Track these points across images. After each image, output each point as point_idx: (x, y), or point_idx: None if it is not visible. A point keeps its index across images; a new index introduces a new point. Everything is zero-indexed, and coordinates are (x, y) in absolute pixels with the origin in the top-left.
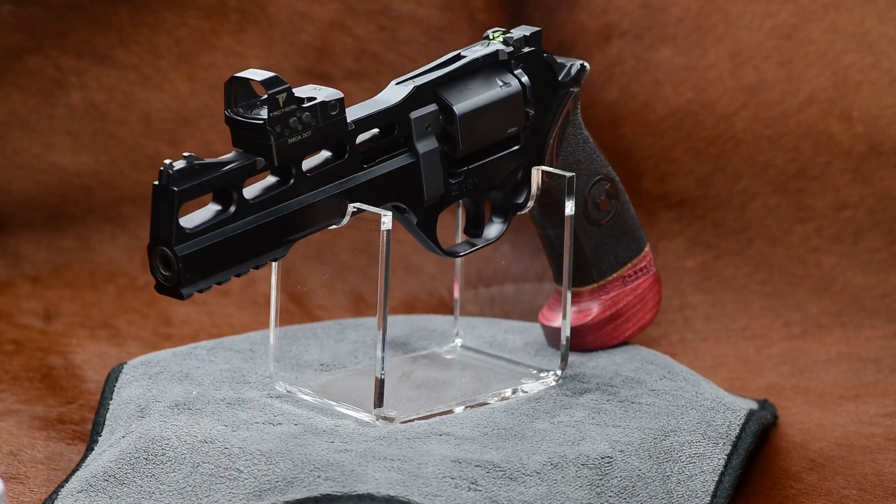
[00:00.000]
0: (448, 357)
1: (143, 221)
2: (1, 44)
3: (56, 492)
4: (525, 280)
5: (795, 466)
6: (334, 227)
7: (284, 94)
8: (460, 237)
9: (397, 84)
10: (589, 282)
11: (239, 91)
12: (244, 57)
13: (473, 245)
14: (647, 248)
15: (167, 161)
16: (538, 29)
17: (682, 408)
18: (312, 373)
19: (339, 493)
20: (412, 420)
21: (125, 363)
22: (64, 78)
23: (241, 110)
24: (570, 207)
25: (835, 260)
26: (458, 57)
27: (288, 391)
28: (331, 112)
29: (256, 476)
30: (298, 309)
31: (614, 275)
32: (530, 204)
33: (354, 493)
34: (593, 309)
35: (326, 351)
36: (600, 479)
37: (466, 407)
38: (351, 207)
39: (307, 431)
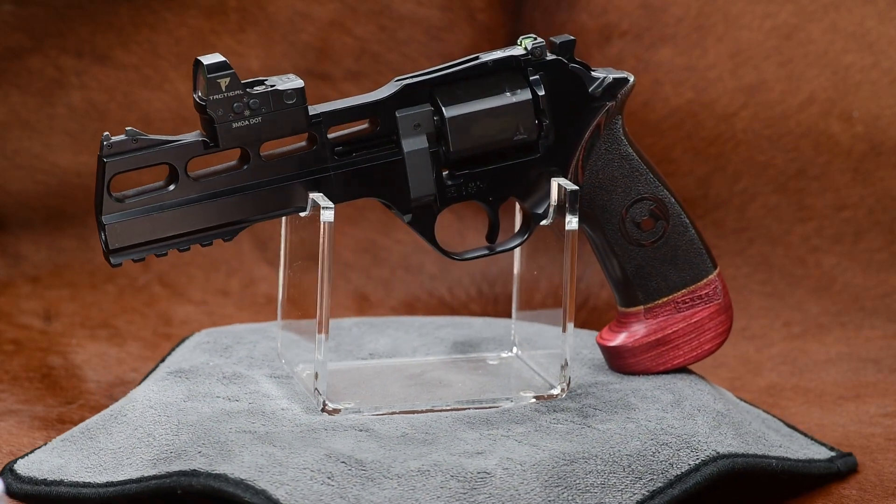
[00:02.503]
0: (492, 363)
1: None
2: (1, 44)
3: (54, 439)
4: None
5: None
6: (303, 214)
7: (227, 79)
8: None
9: (395, 81)
10: (635, 303)
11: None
12: (244, 57)
13: (488, 251)
14: (711, 277)
15: (106, 133)
16: (569, 38)
17: (628, 437)
18: (334, 360)
19: (202, 470)
20: (360, 414)
21: (199, 331)
22: (64, 78)
23: (200, 93)
24: (572, 222)
25: (835, 260)
26: (475, 59)
27: (289, 374)
28: (286, 101)
29: (161, 445)
30: (297, 309)
31: (664, 299)
32: (551, 214)
33: (214, 472)
34: (638, 331)
35: (398, 342)
36: (465, 494)
37: (437, 410)
38: (311, 197)
39: (248, 411)
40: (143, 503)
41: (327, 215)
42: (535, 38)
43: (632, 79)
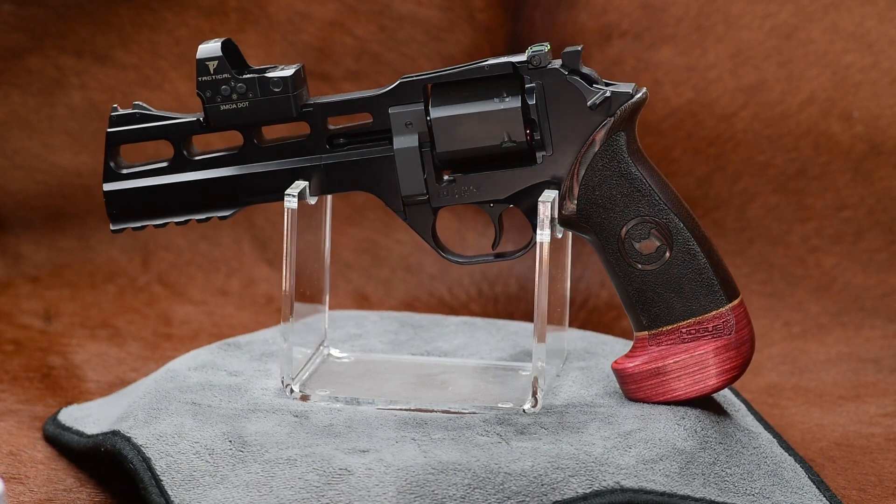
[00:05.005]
0: (523, 374)
1: None
2: (1, 44)
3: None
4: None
5: None
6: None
7: (216, 62)
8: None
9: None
10: (640, 328)
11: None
12: (244, 57)
13: (492, 257)
14: (721, 310)
15: (115, 105)
16: (575, 49)
17: (525, 457)
18: (386, 352)
19: (121, 432)
20: (314, 398)
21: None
22: (64, 78)
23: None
24: (542, 234)
25: (835, 260)
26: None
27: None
28: (272, 88)
29: (126, 407)
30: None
31: (668, 327)
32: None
33: (125, 435)
34: (639, 358)
35: (471, 343)
36: (317, 488)
37: (399, 409)
38: (298, 184)
39: (229, 386)
40: (95, 459)
41: (290, 202)
42: (542, 46)
43: (638, 94)
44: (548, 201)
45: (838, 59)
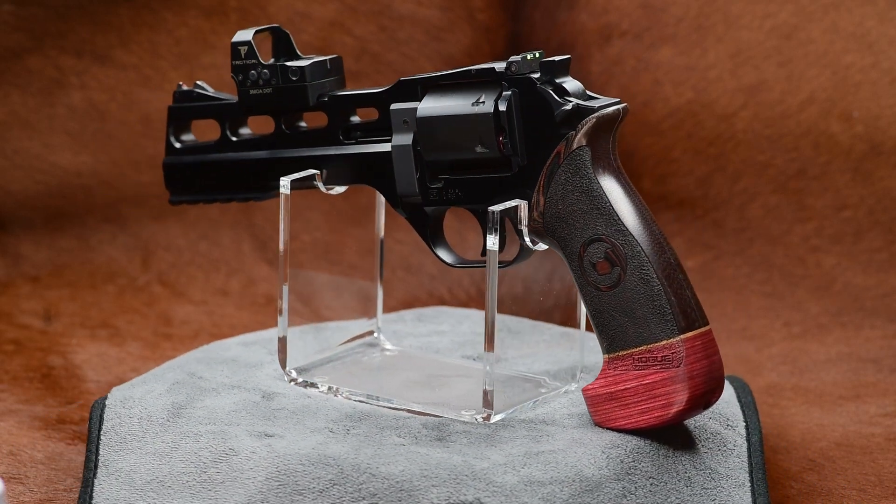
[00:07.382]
0: (541, 390)
1: (143, 221)
2: (1, 44)
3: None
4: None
5: (795, 466)
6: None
7: (246, 48)
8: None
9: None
10: (603, 350)
11: (276, 44)
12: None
13: (480, 263)
14: (671, 341)
15: (180, 83)
16: (554, 59)
17: (403, 461)
18: (436, 350)
19: (108, 394)
20: (296, 382)
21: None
22: (64, 78)
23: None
24: (490, 242)
25: (835, 260)
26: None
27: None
28: (291, 76)
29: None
30: (307, 309)
31: (623, 352)
32: (526, 237)
33: (105, 396)
34: (598, 381)
35: (537, 352)
36: (204, 464)
37: (361, 402)
38: (305, 172)
39: (249, 363)
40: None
41: (284, 187)
42: (527, 54)
43: (607, 109)
44: (497, 210)
45: (838, 59)
